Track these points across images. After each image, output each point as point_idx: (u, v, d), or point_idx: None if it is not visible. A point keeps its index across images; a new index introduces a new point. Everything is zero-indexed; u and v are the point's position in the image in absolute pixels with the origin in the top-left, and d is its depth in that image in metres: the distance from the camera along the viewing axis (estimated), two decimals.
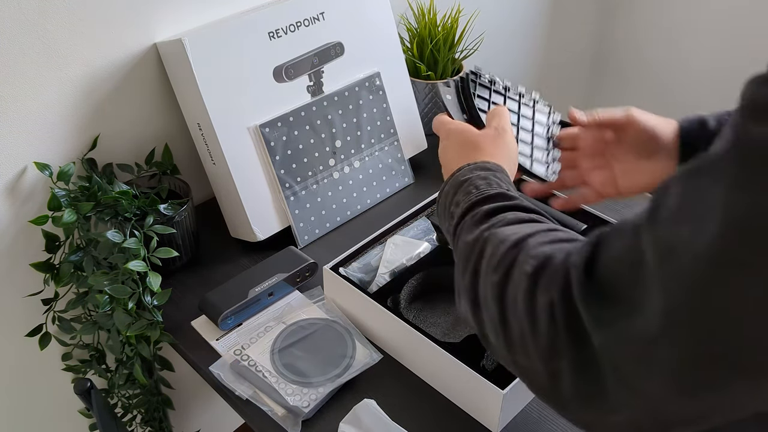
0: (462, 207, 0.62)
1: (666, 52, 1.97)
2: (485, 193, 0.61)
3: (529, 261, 0.49)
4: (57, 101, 0.94)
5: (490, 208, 0.59)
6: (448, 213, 0.64)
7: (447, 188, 0.67)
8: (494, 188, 0.62)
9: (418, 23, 1.27)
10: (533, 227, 0.54)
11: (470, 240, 0.57)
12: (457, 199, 0.63)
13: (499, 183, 0.63)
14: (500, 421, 0.79)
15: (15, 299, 1.01)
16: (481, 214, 0.59)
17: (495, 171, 0.65)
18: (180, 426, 1.36)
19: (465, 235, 0.58)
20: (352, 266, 0.93)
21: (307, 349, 0.88)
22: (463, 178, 0.65)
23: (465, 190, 0.63)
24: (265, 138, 1.01)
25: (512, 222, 0.56)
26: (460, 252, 0.58)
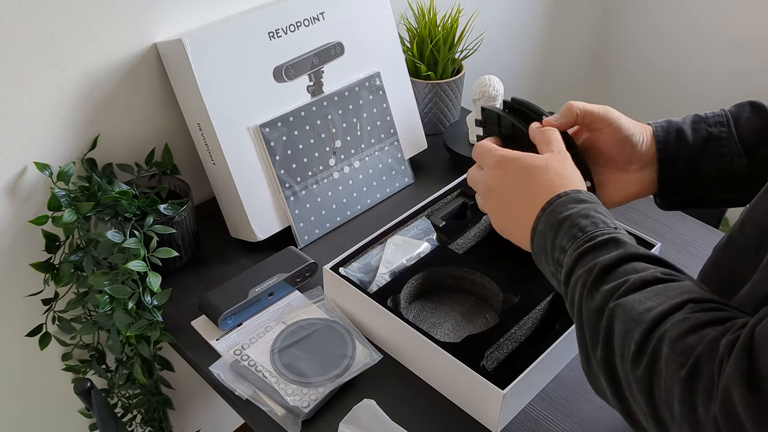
0: (571, 255, 0.56)
1: (666, 52, 1.97)
2: (594, 236, 0.56)
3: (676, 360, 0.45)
4: (57, 101, 0.94)
5: (606, 262, 0.53)
6: (552, 259, 0.59)
7: (542, 227, 0.60)
8: (601, 228, 0.57)
9: (418, 23, 1.27)
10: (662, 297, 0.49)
11: (594, 308, 0.52)
12: (560, 243, 0.58)
13: (603, 220, 0.58)
14: (500, 421, 0.79)
15: (15, 299, 1.01)
16: (598, 271, 0.53)
17: (591, 202, 0.60)
18: (180, 426, 1.36)
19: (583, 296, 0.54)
20: (352, 266, 0.93)
21: (307, 349, 0.88)
22: (560, 216, 0.59)
23: (568, 233, 0.58)
24: (265, 138, 1.01)
25: (637, 287, 0.51)
26: (585, 318, 0.53)
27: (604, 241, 0.55)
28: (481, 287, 0.93)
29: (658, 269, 0.52)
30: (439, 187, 1.08)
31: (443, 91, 1.27)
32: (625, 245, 0.55)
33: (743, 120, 0.69)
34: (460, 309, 0.94)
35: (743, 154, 0.68)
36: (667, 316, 0.47)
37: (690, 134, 0.70)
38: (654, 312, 0.48)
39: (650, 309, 0.48)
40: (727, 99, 1.81)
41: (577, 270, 0.55)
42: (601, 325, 0.51)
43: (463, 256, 0.97)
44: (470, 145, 1.24)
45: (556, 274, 0.59)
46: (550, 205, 0.60)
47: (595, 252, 0.55)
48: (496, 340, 0.82)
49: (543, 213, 0.60)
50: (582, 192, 0.61)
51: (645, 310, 0.48)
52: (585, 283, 0.54)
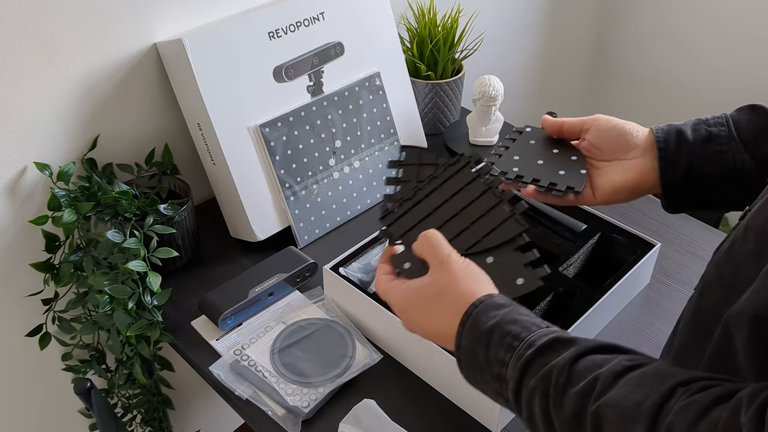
0: (515, 366, 0.52)
1: (667, 51, 1.97)
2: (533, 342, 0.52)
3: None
4: (57, 101, 0.94)
5: (561, 364, 0.50)
6: (492, 375, 0.54)
7: (466, 343, 0.56)
8: (535, 331, 0.53)
9: (418, 23, 1.27)
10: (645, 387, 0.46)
11: (569, 415, 0.48)
12: (496, 356, 0.54)
13: (532, 321, 0.55)
14: (500, 421, 0.79)
15: (15, 299, 1.01)
16: (556, 375, 0.50)
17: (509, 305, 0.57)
18: (180, 426, 1.36)
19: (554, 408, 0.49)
20: (352, 266, 0.93)
21: (307, 349, 0.88)
22: (484, 327, 0.55)
23: (502, 344, 0.54)
24: (265, 138, 1.01)
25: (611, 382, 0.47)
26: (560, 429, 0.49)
27: (546, 344, 0.52)
28: None
29: (620, 357, 0.49)
30: None
31: (443, 91, 1.27)
32: (571, 342, 0.52)
33: (743, 121, 0.70)
34: None
35: (744, 151, 0.68)
36: (663, 407, 0.44)
37: (690, 134, 0.70)
38: (646, 405, 0.45)
39: (640, 403, 0.45)
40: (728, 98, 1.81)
41: (528, 381, 0.51)
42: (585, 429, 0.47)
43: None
44: (470, 145, 1.24)
45: (501, 392, 0.54)
46: (468, 318, 0.57)
47: (542, 357, 0.51)
48: None
49: (463, 328, 0.57)
50: (495, 295, 0.58)
51: (635, 405, 0.45)
52: (545, 392, 0.50)
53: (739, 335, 0.50)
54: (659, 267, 1.01)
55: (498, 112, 1.21)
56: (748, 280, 0.51)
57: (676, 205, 0.73)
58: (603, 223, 0.98)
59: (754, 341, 0.49)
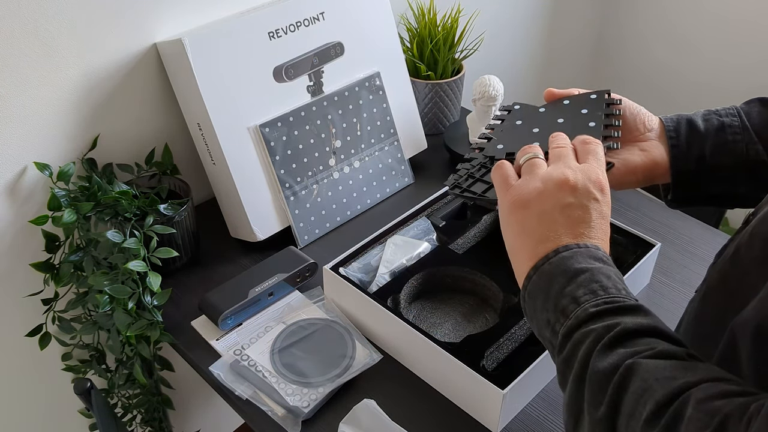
0: (586, 309, 0.51)
1: (667, 51, 1.97)
2: (616, 300, 0.51)
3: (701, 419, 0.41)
4: (57, 101, 0.94)
5: (631, 326, 0.49)
6: (556, 306, 0.53)
7: (549, 268, 0.54)
8: (624, 295, 0.52)
9: (418, 23, 1.27)
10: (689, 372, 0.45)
11: (605, 366, 0.47)
12: (573, 292, 0.52)
13: (626, 288, 0.53)
14: (500, 421, 0.79)
15: (15, 299, 1.01)
16: (620, 330, 0.48)
17: (609, 264, 0.55)
18: (180, 426, 1.36)
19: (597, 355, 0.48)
20: (352, 266, 0.93)
21: (307, 349, 0.88)
22: (578, 265, 0.53)
23: (587, 286, 0.52)
24: (265, 138, 1.01)
25: (663, 357, 0.47)
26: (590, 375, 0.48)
27: (628, 307, 0.51)
28: (481, 287, 0.93)
29: (684, 349, 0.49)
30: (439, 187, 1.08)
31: (443, 91, 1.27)
32: (652, 317, 0.51)
33: (754, 113, 0.69)
34: (460, 309, 0.94)
35: (757, 141, 0.67)
36: (696, 385, 0.44)
37: (701, 124, 0.69)
38: (682, 380, 0.44)
39: (677, 378, 0.44)
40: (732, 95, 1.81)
41: (590, 325, 0.50)
42: (611, 382, 0.46)
43: (463, 256, 0.97)
44: (470, 145, 1.24)
45: (553, 324, 0.53)
46: (566, 250, 0.54)
47: (615, 315, 0.50)
48: (496, 340, 0.82)
49: (555, 255, 0.54)
50: (600, 249, 0.55)
51: (671, 377, 0.44)
52: (599, 337, 0.49)
53: (744, 345, 0.50)
54: (659, 267, 1.01)
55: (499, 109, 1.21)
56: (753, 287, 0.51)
57: (683, 199, 0.71)
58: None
59: (757, 351, 0.49)
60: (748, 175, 0.68)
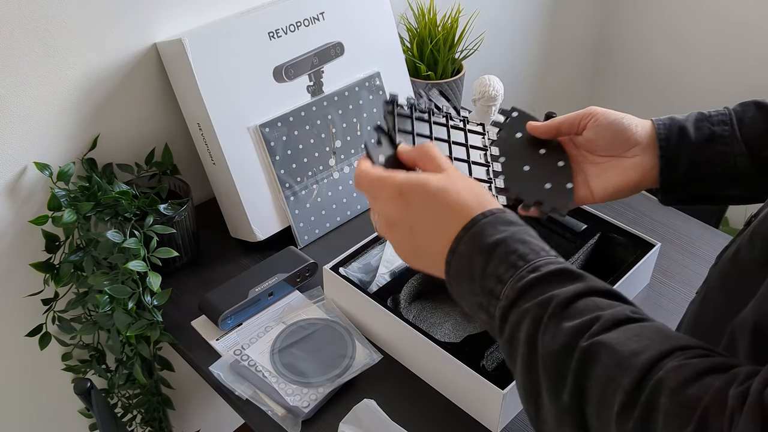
0: (513, 287, 0.49)
1: (667, 51, 1.97)
2: (538, 266, 0.49)
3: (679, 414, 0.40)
4: (57, 101, 0.94)
5: (563, 296, 0.47)
6: (483, 288, 0.51)
7: (465, 249, 0.52)
8: (543, 257, 0.50)
9: (418, 23, 1.27)
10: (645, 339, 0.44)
11: (557, 348, 0.46)
12: (495, 271, 0.50)
13: (541, 246, 0.52)
14: (500, 421, 0.79)
15: (15, 299, 1.01)
16: (555, 305, 0.47)
17: (521, 225, 0.53)
18: (180, 426, 1.36)
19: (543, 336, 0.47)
20: (352, 266, 0.93)
21: (307, 349, 0.88)
22: (490, 239, 0.51)
23: (505, 260, 0.50)
24: (265, 138, 1.01)
25: (610, 326, 0.45)
26: (543, 358, 0.47)
27: (552, 273, 0.49)
28: None
29: (624, 307, 0.47)
30: None
31: (443, 91, 1.27)
32: (579, 278, 0.49)
33: (747, 119, 0.68)
34: (460, 309, 0.94)
35: (746, 153, 0.67)
36: (657, 363, 0.42)
37: (693, 132, 0.68)
38: (642, 357, 0.43)
39: (636, 353, 0.43)
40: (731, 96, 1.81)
41: (523, 304, 0.49)
42: (569, 367, 0.45)
43: None
44: None
45: (486, 307, 0.51)
46: (474, 225, 0.52)
47: (543, 285, 0.48)
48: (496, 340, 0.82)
49: (465, 233, 0.52)
50: (507, 212, 0.54)
51: (631, 354, 0.43)
52: (538, 318, 0.47)
53: (742, 344, 0.50)
54: (659, 267, 1.01)
55: (498, 112, 1.21)
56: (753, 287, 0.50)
57: (673, 200, 0.72)
58: (603, 223, 0.98)
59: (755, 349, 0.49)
60: (735, 183, 0.68)
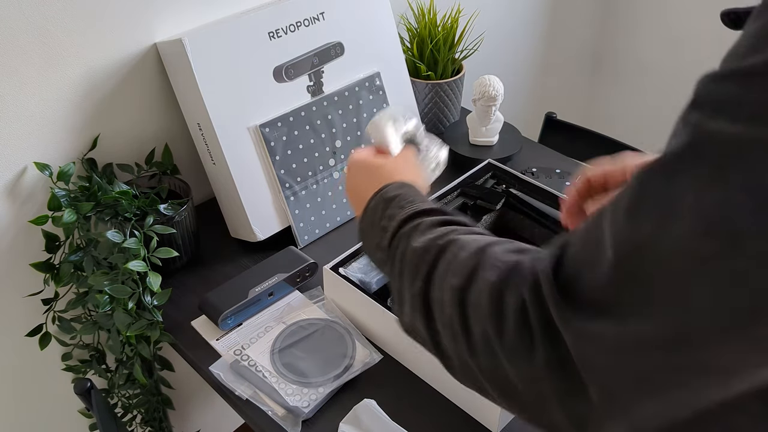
0: (398, 219, 0.60)
1: (666, 52, 1.97)
2: (422, 206, 0.60)
3: (496, 264, 0.47)
4: (57, 101, 0.94)
5: (434, 219, 0.57)
6: (378, 228, 0.62)
7: (373, 204, 0.65)
8: (428, 204, 0.61)
9: (418, 23, 1.27)
10: (492, 238, 0.52)
11: (419, 247, 0.55)
12: (389, 212, 0.62)
13: (430, 201, 0.62)
14: (500, 421, 0.79)
15: (15, 299, 1.01)
16: (426, 224, 0.57)
17: (421, 191, 0.65)
18: (180, 426, 1.36)
19: (409, 242, 0.56)
20: (352, 266, 0.93)
21: (307, 349, 0.88)
22: (391, 194, 0.64)
23: (397, 205, 0.62)
24: (265, 138, 1.01)
25: (467, 232, 0.54)
26: (406, 259, 0.56)
27: (433, 209, 0.59)
28: None
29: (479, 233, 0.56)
30: (439, 187, 1.08)
31: (443, 91, 1.27)
32: (449, 214, 0.59)
33: None
34: None
35: None
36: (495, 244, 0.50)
37: None
38: (483, 241, 0.51)
39: (478, 240, 0.51)
40: None
41: (404, 228, 0.58)
42: (425, 259, 0.53)
43: None
44: (470, 145, 1.24)
45: (380, 242, 0.61)
46: (384, 188, 0.65)
47: (423, 215, 0.59)
48: None
49: (377, 193, 0.65)
50: (415, 184, 0.66)
51: (473, 241, 0.52)
52: (410, 234, 0.57)
53: None
54: None
55: (498, 112, 1.21)
56: None
57: None
58: None
59: None
60: None
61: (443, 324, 0.50)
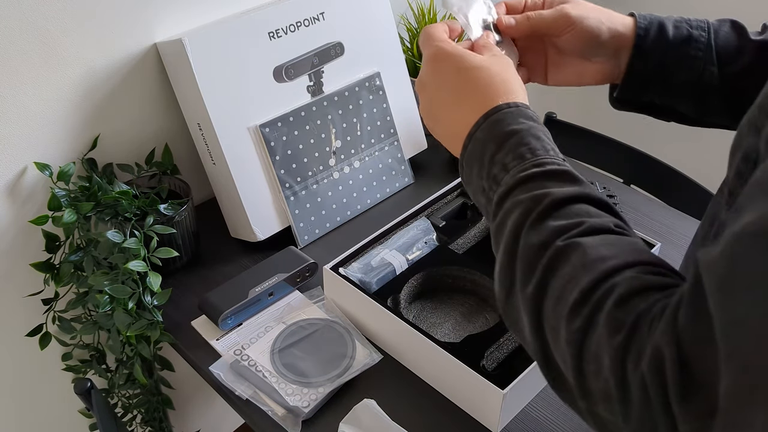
0: (514, 176, 0.51)
1: None
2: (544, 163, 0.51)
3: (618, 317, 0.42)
4: (57, 101, 0.94)
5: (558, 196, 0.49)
6: (489, 174, 0.53)
7: (481, 135, 0.54)
8: (552, 156, 0.52)
9: (418, 23, 1.27)
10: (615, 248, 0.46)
11: (536, 243, 0.48)
12: (503, 159, 0.53)
13: (553, 147, 0.53)
14: (500, 421, 0.79)
15: (15, 299, 1.01)
16: (548, 203, 0.49)
17: (540, 123, 0.55)
18: (180, 426, 1.36)
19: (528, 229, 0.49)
20: (352, 266, 0.93)
21: (307, 349, 0.88)
22: (507, 128, 0.53)
23: (515, 150, 0.52)
24: (265, 138, 1.01)
25: (590, 231, 0.47)
26: (522, 250, 0.49)
27: (555, 171, 0.51)
28: (481, 287, 0.93)
29: (611, 218, 0.49)
30: (439, 187, 1.08)
31: None
32: (578, 182, 0.51)
33: (722, 33, 0.68)
34: (460, 309, 0.94)
35: (715, 63, 0.67)
36: (620, 271, 0.45)
37: (671, 31, 0.68)
38: (606, 264, 0.45)
39: (603, 259, 0.45)
40: None
41: (517, 194, 0.51)
42: (540, 263, 0.48)
43: (463, 256, 0.97)
44: None
45: (487, 191, 0.54)
46: (495, 113, 0.54)
47: (543, 180, 0.50)
48: (496, 340, 0.82)
49: (485, 120, 0.55)
50: (530, 109, 0.56)
51: (598, 259, 0.45)
52: (528, 211, 0.49)
53: None
54: None
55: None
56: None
57: (627, 100, 0.71)
58: None
59: None
60: (694, 95, 0.68)
61: (555, 348, 0.47)
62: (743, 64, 0.66)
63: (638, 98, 0.70)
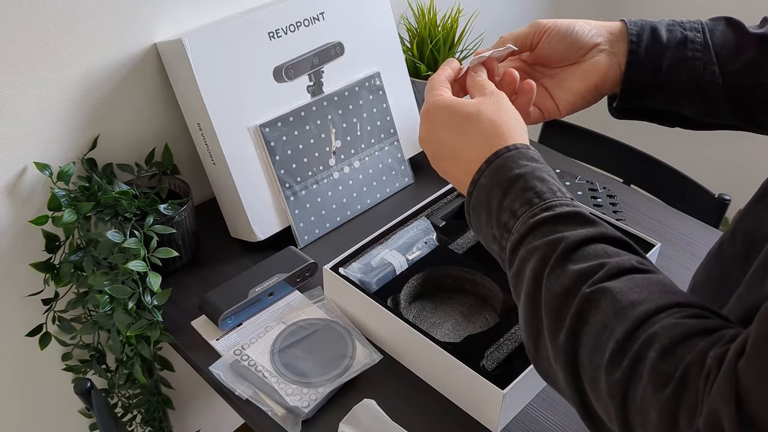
0: (525, 222, 0.51)
1: None
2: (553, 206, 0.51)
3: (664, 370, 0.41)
4: (57, 101, 0.94)
5: (573, 239, 0.48)
6: (498, 222, 0.53)
7: (486, 182, 0.54)
8: (559, 197, 0.51)
9: (418, 23, 1.27)
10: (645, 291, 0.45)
11: (560, 290, 0.47)
12: (510, 205, 0.52)
13: (559, 187, 0.53)
14: (500, 421, 0.79)
15: (15, 299, 1.01)
16: (564, 247, 0.48)
17: (542, 163, 0.54)
18: (180, 426, 1.36)
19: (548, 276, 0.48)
20: (352, 266, 0.93)
21: (307, 349, 0.88)
22: (511, 173, 0.53)
23: (521, 196, 0.52)
24: (265, 138, 1.01)
25: (615, 275, 0.46)
26: (546, 298, 0.48)
27: (565, 215, 0.50)
28: (481, 287, 0.93)
29: (631, 257, 0.48)
30: (439, 187, 1.08)
31: None
32: (590, 222, 0.50)
33: (718, 32, 0.67)
34: (460, 309, 0.94)
35: (714, 62, 0.65)
36: (653, 317, 0.44)
37: (664, 34, 0.67)
38: (639, 309, 0.44)
39: (634, 304, 0.44)
40: None
41: (531, 240, 0.50)
42: (569, 311, 0.46)
43: (463, 256, 0.97)
44: None
45: (499, 239, 0.53)
46: (497, 158, 0.54)
47: (555, 225, 0.50)
48: (496, 340, 0.82)
49: (488, 166, 0.54)
50: (531, 149, 0.55)
51: (629, 305, 0.44)
52: (545, 258, 0.49)
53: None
54: (659, 267, 1.00)
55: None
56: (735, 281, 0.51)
57: (628, 110, 0.70)
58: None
59: None
60: (696, 96, 0.66)
61: (596, 399, 0.45)
62: (746, 59, 0.65)
63: (639, 105, 0.69)
